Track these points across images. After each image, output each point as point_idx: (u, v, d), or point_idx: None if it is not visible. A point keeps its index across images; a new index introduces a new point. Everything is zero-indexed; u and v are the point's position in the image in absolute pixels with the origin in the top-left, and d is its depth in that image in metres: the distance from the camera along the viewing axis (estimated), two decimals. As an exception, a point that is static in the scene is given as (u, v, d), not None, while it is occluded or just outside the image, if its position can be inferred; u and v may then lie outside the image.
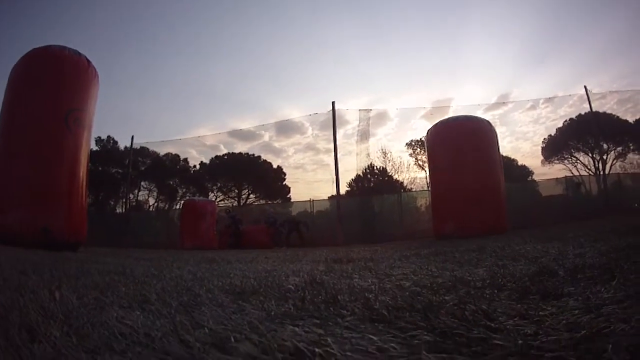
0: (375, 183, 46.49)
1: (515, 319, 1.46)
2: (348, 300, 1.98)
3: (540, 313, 1.52)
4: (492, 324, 1.38)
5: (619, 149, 45.75)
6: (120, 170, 48.90)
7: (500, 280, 2.41)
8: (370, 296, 2.07)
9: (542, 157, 50.63)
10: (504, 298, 1.89)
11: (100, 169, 47.30)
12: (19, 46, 72.41)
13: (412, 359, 1.07)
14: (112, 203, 50.22)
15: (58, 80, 11.65)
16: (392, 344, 1.20)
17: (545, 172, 49.99)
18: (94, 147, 47.25)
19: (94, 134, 16.99)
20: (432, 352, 1.12)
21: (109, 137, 50.99)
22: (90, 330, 1.51)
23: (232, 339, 1.32)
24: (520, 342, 1.16)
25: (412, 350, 1.15)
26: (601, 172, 42.56)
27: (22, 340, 1.34)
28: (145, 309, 1.95)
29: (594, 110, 32.01)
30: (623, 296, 1.67)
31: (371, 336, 1.29)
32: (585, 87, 29.69)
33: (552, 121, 57.35)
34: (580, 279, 2.23)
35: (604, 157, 45.15)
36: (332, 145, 27.85)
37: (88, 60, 12.47)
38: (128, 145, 39.05)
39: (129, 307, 2.03)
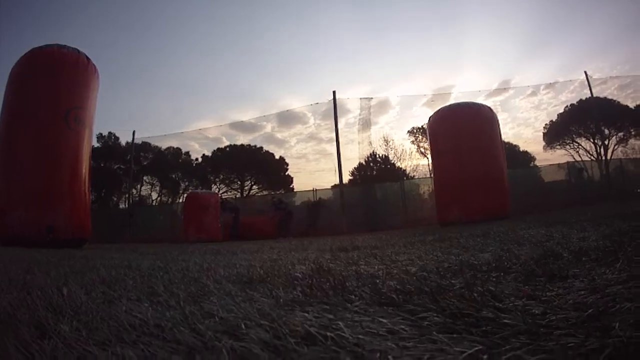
0: (377, 171, 46.52)
1: (523, 299, 1.47)
2: (356, 286, 1.99)
3: (548, 294, 1.53)
4: (501, 305, 1.39)
5: (621, 134, 45.73)
6: (122, 166, 48.98)
7: (506, 263, 2.42)
8: (378, 281, 2.08)
9: (544, 143, 50.64)
10: (510, 280, 1.90)
11: (102, 165, 47.39)
12: (17, 47, 72.37)
13: (424, 340, 1.08)
14: (115, 199, 50.32)
15: (57, 79, 11.73)
16: (403, 326, 1.21)
17: (548, 157, 49.84)
18: (96, 144, 47.33)
19: (95, 131, 17.05)
20: (442, 333, 1.13)
21: (110, 133, 51.00)
22: (100, 324, 1.51)
23: (243, 326, 1.32)
24: (529, 320, 1.18)
25: (423, 331, 1.17)
26: (603, 158, 42.55)
27: (32, 337, 1.35)
28: (154, 301, 1.95)
29: (594, 95, 32.00)
30: (627, 277, 1.68)
31: (381, 319, 1.30)
32: (585, 72, 29.70)
33: (553, 107, 57.31)
34: (585, 261, 2.25)
35: (606, 142, 45.14)
36: (334, 135, 27.87)
37: (87, 58, 12.52)
38: (129, 140, 39.26)
39: (138, 300, 2.02)
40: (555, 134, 48.93)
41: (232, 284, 2.41)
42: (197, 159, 53.85)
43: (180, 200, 43.96)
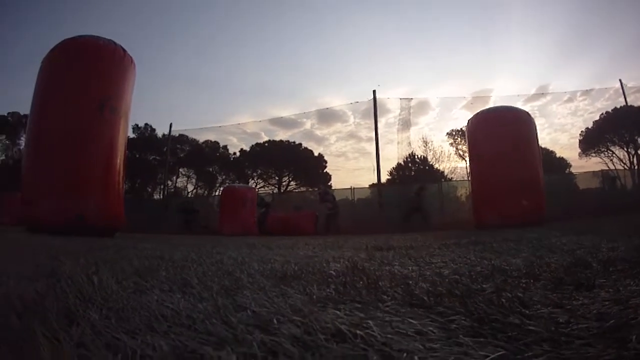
0: (416, 172, 46.40)
1: (550, 307, 1.48)
2: (389, 286, 2.01)
3: (573, 302, 1.55)
4: (527, 311, 1.40)
5: (653, 144, 45.23)
6: (158, 157, 49.41)
7: (536, 270, 2.43)
8: (410, 282, 2.10)
9: (579, 150, 50.28)
10: (539, 287, 1.90)
11: (137, 156, 47.72)
12: (48, 38, 73.00)
13: (450, 343, 1.11)
14: (150, 189, 50.61)
15: (91, 69, 11.79)
16: (431, 328, 1.24)
17: (583, 164, 49.54)
18: (132, 135, 47.73)
19: (132, 122, 17.14)
20: (469, 336, 1.15)
21: (146, 124, 51.50)
22: (131, 313, 1.54)
23: (275, 321, 1.35)
24: (552, 329, 1.19)
25: (450, 334, 1.19)
26: (636, 167, 42.07)
27: (60, 324, 1.35)
28: (187, 293, 1.97)
29: (629, 104, 31.69)
30: (651, 290, 1.68)
31: (411, 320, 1.32)
32: (620, 80, 29.58)
33: (589, 114, 56.97)
34: (612, 271, 2.25)
35: (639, 151, 44.61)
36: (373, 134, 27.91)
37: (124, 50, 12.52)
38: (166, 132, 39.45)
39: (170, 291, 2.04)
40: (591, 141, 48.56)
41: (265, 279, 2.43)
42: (234, 153, 54.23)
43: (217, 194, 44.06)
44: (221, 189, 37.96)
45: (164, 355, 1.06)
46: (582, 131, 50.55)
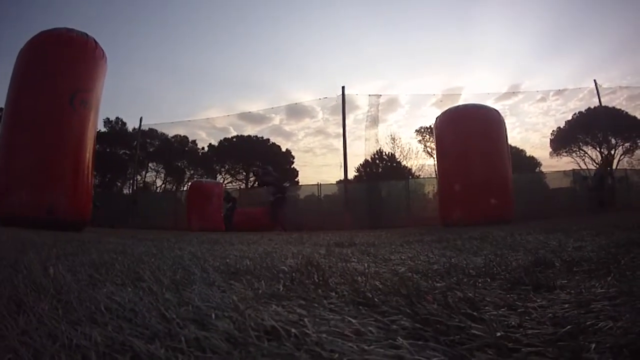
0: (383, 169, 46.72)
1: (503, 309, 1.44)
2: (338, 283, 2.00)
3: (529, 305, 1.49)
4: (475, 314, 1.35)
5: (627, 144, 45.88)
6: (128, 152, 49.51)
7: (494, 269, 2.39)
8: (362, 280, 2.07)
9: (550, 149, 50.85)
10: (495, 287, 1.87)
11: (108, 150, 47.68)
12: (26, 31, 72.53)
13: (386, 345, 1.06)
14: (120, 184, 50.60)
15: (64, 62, 11.91)
16: (371, 328, 1.20)
17: (554, 164, 50.34)
18: (102, 129, 47.75)
19: (103, 116, 17.13)
20: (410, 339, 1.10)
21: (117, 118, 51.54)
22: (78, 305, 1.55)
23: (213, 316, 1.34)
24: (500, 333, 1.14)
25: (390, 335, 1.15)
26: (608, 167, 42.57)
27: (9, 312, 1.40)
28: (138, 287, 1.97)
29: (603, 104, 32.06)
30: (616, 292, 1.62)
31: (351, 319, 1.29)
32: (595, 81, 29.97)
33: (561, 114, 57.82)
34: (575, 272, 2.21)
35: (612, 152, 45.15)
36: (341, 130, 28.02)
37: (96, 42, 12.64)
38: (137, 126, 39.37)
39: (122, 285, 2.05)
40: (562, 140, 49.23)
41: (218, 274, 2.42)
42: (203, 148, 54.58)
43: (185, 189, 44.12)
44: (189, 183, 38.06)
45: (96, 345, 1.08)
46: (553, 130, 51.32)
